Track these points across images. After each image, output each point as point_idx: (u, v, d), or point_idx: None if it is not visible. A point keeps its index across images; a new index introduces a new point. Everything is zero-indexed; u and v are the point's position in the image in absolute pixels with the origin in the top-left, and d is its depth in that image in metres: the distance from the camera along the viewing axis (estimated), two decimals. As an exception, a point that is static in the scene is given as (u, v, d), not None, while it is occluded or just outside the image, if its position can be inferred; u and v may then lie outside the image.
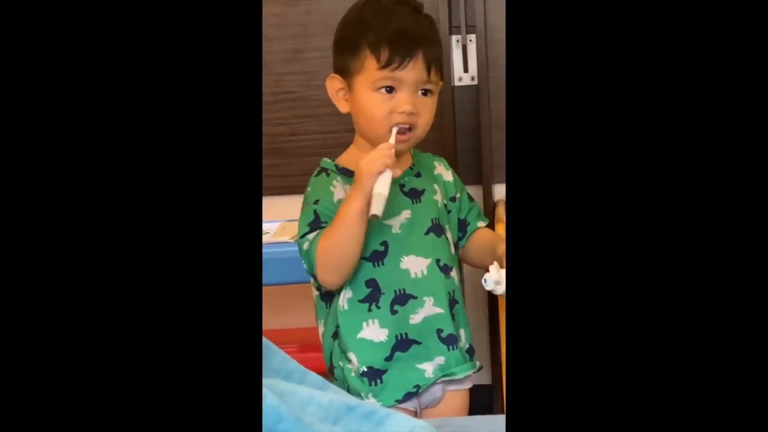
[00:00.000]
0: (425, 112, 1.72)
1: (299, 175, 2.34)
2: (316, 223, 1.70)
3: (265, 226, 2.26)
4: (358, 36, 1.71)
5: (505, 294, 1.63)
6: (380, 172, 1.59)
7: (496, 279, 1.62)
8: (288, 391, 1.03)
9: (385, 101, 1.69)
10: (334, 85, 1.76)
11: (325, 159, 1.80)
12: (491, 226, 2.28)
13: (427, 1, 2.30)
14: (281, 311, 2.49)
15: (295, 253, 1.94)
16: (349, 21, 1.76)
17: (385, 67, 1.68)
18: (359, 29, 1.72)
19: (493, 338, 2.49)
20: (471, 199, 1.92)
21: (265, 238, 2.20)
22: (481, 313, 2.43)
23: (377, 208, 1.58)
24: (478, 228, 1.88)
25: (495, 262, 1.65)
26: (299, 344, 2.36)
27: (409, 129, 1.70)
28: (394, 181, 1.63)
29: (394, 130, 1.68)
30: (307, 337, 2.28)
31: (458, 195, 1.87)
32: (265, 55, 2.34)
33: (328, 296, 1.77)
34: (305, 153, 2.47)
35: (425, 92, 1.73)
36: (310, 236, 1.68)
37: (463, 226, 1.87)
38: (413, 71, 1.69)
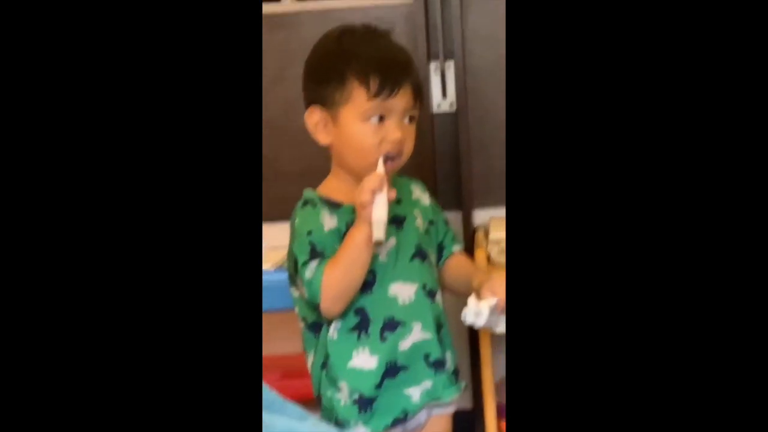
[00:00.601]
0: (410, 138, 1.73)
1: (279, 202, 2.27)
2: (314, 252, 1.69)
3: (244, 254, 2.23)
4: (342, 66, 1.70)
5: (484, 327, 1.65)
6: (371, 202, 1.60)
7: (475, 311, 1.63)
8: (267, 423, 1.03)
9: (376, 131, 1.69)
10: (313, 117, 1.74)
11: (307, 190, 1.79)
12: (470, 251, 2.29)
13: (405, 28, 2.41)
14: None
15: (276, 282, 1.98)
16: (328, 51, 1.75)
17: (375, 96, 1.68)
18: (341, 59, 1.71)
19: (474, 361, 2.48)
20: (446, 222, 1.92)
21: (244, 266, 2.17)
22: (461, 335, 2.42)
23: (378, 234, 1.60)
24: (454, 253, 1.89)
25: (473, 295, 1.66)
26: (280, 371, 2.37)
27: (395, 157, 1.71)
28: None
29: (381, 159, 1.68)
30: (288, 365, 2.30)
31: (435, 219, 1.88)
32: (243, 82, 2.31)
33: (316, 327, 1.77)
34: (284, 180, 2.45)
35: (410, 119, 1.74)
36: (312, 264, 1.68)
37: (439, 250, 1.88)
38: (403, 99, 1.70)
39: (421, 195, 1.88)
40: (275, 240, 2.22)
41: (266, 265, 2.21)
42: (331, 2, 2.48)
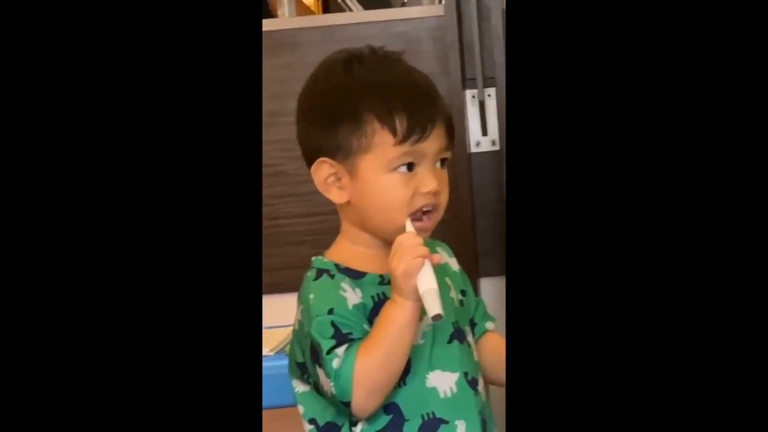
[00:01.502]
0: (445, 186, 1.54)
1: (281, 269, 2.27)
2: (339, 335, 1.50)
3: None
4: (356, 103, 1.49)
5: None
6: (418, 269, 1.46)
7: None
8: None
9: (406, 182, 1.50)
10: (322, 172, 1.53)
11: (318, 258, 1.59)
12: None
13: (434, 47, 2.32)
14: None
15: (276, 369, 1.85)
16: (335, 85, 1.54)
17: (404, 140, 1.47)
18: (354, 95, 1.50)
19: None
20: (476, 293, 1.79)
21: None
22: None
23: (436, 307, 1.44)
24: (487, 331, 1.71)
25: None
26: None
27: (429, 211, 1.52)
28: None
29: (408, 219, 1.50)
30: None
31: (466, 288, 1.71)
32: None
33: (331, 429, 1.58)
34: (288, 241, 2.34)
35: (443, 162, 1.54)
36: (339, 351, 1.48)
37: (470, 327, 1.70)
38: (436, 140, 1.50)
39: (448, 259, 1.70)
40: (276, 317, 2.06)
41: (265, 350, 2.01)
42: (341, 15, 2.40)
